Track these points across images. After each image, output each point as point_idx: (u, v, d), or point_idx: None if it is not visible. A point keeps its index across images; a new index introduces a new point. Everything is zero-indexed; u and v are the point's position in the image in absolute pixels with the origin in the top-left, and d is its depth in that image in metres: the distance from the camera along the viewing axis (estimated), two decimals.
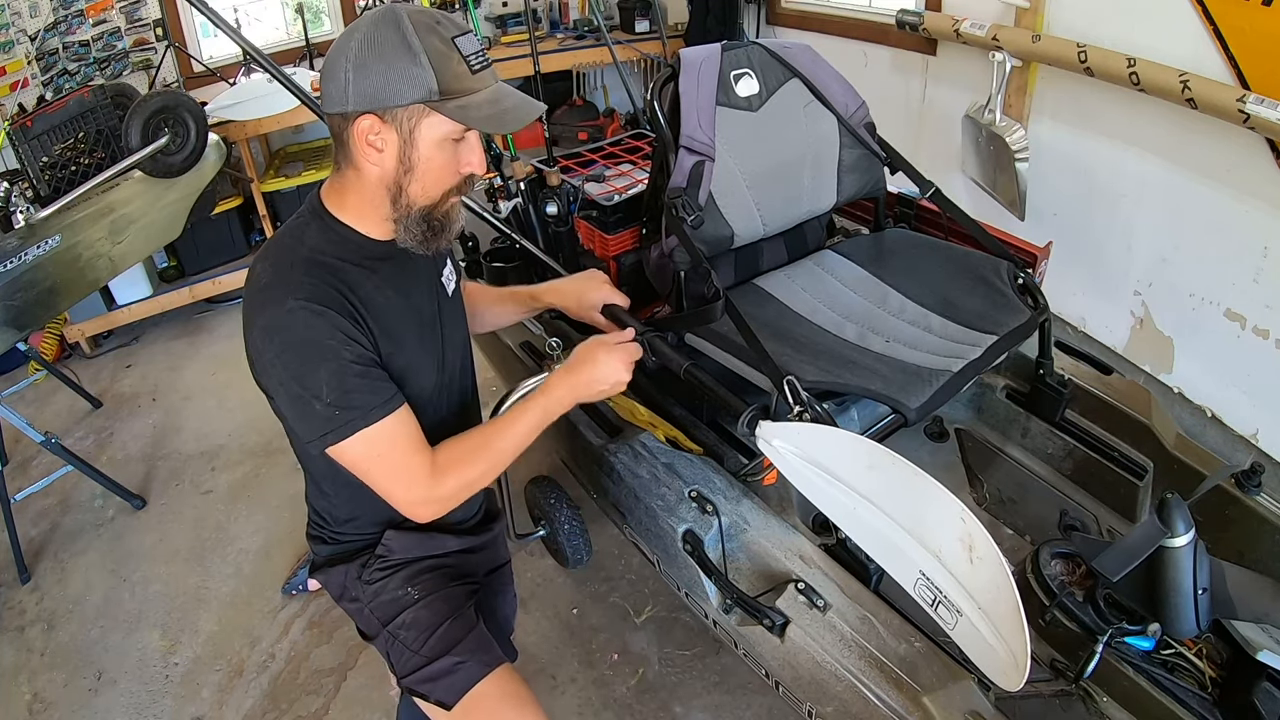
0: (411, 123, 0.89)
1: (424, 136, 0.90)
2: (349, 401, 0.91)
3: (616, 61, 2.60)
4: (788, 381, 1.15)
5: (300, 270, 0.92)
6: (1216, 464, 1.34)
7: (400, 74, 0.86)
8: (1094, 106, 2.34)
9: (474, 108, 0.89)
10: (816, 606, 1.08)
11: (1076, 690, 1.13)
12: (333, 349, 0.90)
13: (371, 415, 0.92)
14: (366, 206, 0.97)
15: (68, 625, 1.97)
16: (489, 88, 0.92)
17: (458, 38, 0.89)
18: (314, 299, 0.90)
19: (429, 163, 0.92)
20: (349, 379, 0.91)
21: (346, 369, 0.91)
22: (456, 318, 1.17)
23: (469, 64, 0.89)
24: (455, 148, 0.93)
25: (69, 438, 2.62)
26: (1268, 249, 1.99)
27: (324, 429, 0.91)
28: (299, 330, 0.89)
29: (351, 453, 0.94)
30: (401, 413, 0.95)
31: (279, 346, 0.90)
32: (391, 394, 0.95)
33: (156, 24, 3.31)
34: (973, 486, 1.55)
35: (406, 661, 1.10)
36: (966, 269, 1.55)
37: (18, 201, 2.12)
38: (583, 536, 1.84)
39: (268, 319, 0.90)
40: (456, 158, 0.94)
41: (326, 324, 0.90)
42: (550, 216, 1.81)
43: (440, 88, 0.87)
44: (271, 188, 3.35)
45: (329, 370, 0.90)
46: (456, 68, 0.88)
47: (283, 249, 0.96)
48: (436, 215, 0.97)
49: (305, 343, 0.90)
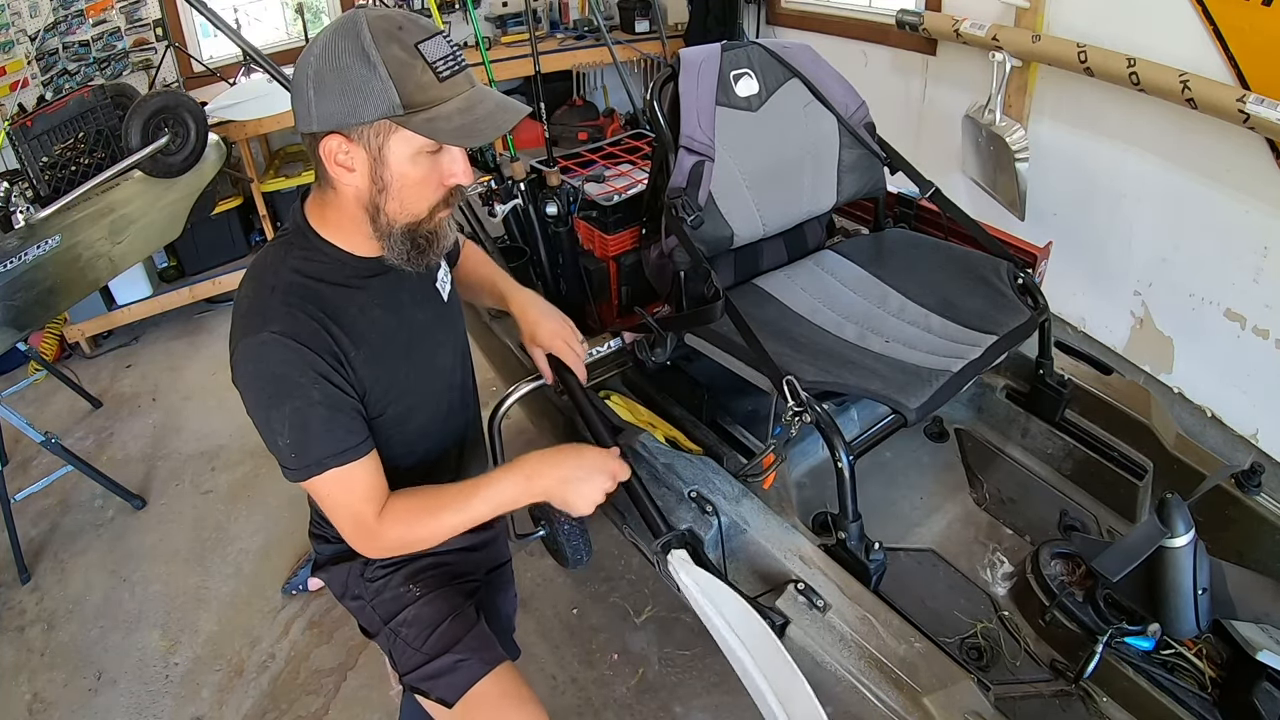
0: (379, 140, 0.83)
1: (394, 153, 0.84)
2: (306, 447, 0.90)
3: (616, 61, 2.60)
4: (787, 381, 1.15)
5: (279, 297, 0.89)
6: (1216, 464, 1.34)
7: (359, 90, 0.80)
8: (1094, 106, 2.34)
9: (443, 119, 0.82)
10: (816, 607, 1.08)
11: (1076, 690, 1.13)
12: (301, 387, 0.88)
13: (326, 464, 0.90)
14: (348, 224, 0.93)
15: (68, 625, 1.97)
16: (461, 94, 0.84)
17: (423, 43, 0.81)
18: (288, 332, 0.87)
19: (403, 179, 0.86)
20: (312, 422, 0.89)
21: (312, 410, 0.88)
22: (452, 320, 1.15)
23: (435, 71, 0.82)
24: (433, 160, 0.87)
25: (69, 438, 2.62)
26: (1268, 249, 1.99)
27: (283, 463, 0.92)
28: (269, 364, 0.87)
29: (311, 490, 0.95)
30: (360, 463, 0.93)
31: (249, 376, 0.89)
32: (355, 441, 0.93)
33: (156, 24, 3.31)
34: (973, 486, 1.55)
35: (408, 659, 1.10)
36: (966, 269, 1.55)
37: (18, 201, 2.12)
38: (583, 536, 1.84)
39: (243, 347, 0.88)
40: (437, 171, 0.88)
41: (299, 360, 0.87)
42: (550, 217, 1.82)
43: (403, 101, 0.80)
44: (271, 188, 3.35)
45: (292, 408, 0.88)
46: (420, 77, 0.81)
47: (265, 270, 0.93)
48: (422, 232, 0.92)
49: (274, 377, 0.88)
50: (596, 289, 1.83)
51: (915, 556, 1.40)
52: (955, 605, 1.29)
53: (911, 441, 1.65)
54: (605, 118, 4.48)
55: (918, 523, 1.48)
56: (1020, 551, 1.39)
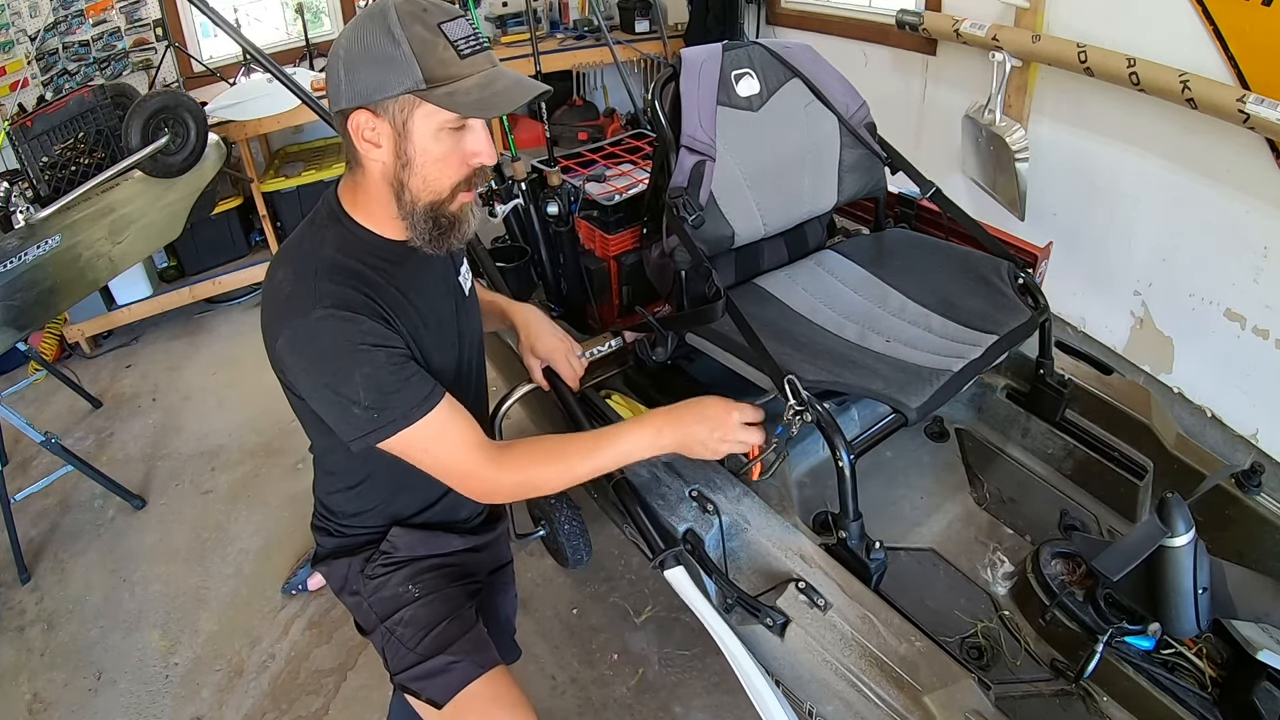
0: (403, 114, 0.87)
1: (417, 128, 0.88)
2: (388, 403, 0.90)
3: (617, 61, 2.60)
4: (788, 381, 1.15)
5: (324, 277, 0.91)
6: (1216, 464, 1.34)
7: (385, 66, 0.85)
8: (1094, 106, 2.34)
9: (462, 93, 0.86)
10: (817, 606, 1.08)
11: (1076, 690, 1.13)
12: (365, 353, 0.89)
13: (412, 414, 0.92)
14: (375, 205, 0.96)
15: (68, 625, 1.97)
16: (481, 72, 0.88)
17: (445, 23, 0.86)
18: (341, 305, 0.89)
19: (426, 155, 0.90)
20: (386, 380, 0.90)
21: (382, 370, 0.90)
22: (473, 316, 1.17)
23: (457, 49, 0.87)
24: (457, 138, 0.91)
25: (69, 438, 2.62)
26: (1268, 249, 1.99)
27: (365, 429, 0.91)
28: (328, 339, 0.89)
29: (399, 447, 0.94)
30: (444, 406, 0.94)
31: (309, 357, 0.89)
32: (430, 389, 0.94)
33: (156, 24, 3.31)
34: (973, 486, 1.55)
35: (401, 658, 1.10)
36: (967, 269, 1.55)
37: (18, 201, 2.12)
38: (583, 536, 1.84)
39: (293, 330, 0.89)
40: (460, 149, 0.92)
41: (357, 329, 0.89)
42: (551, 216, 1.82)
43: (425, 76, 0.85)
44: (271, 188, 3.35)
45: (363, 375, 0.89)
46: (443, 54, 0.86)
47: (303, 255, 0.95)
48: (445, 213, 0.95)
49: (336, 351, 0.89)
50: (597, 288, 1.83)
51: (916, 556, 1.40)
52: (955, 604, 1.30)
53: (912, 441, 1.65)
54: (605, 118, 4.48)
55: (918, 522, 1.48)
56: (1020, 551, 1.39)
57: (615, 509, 1.36)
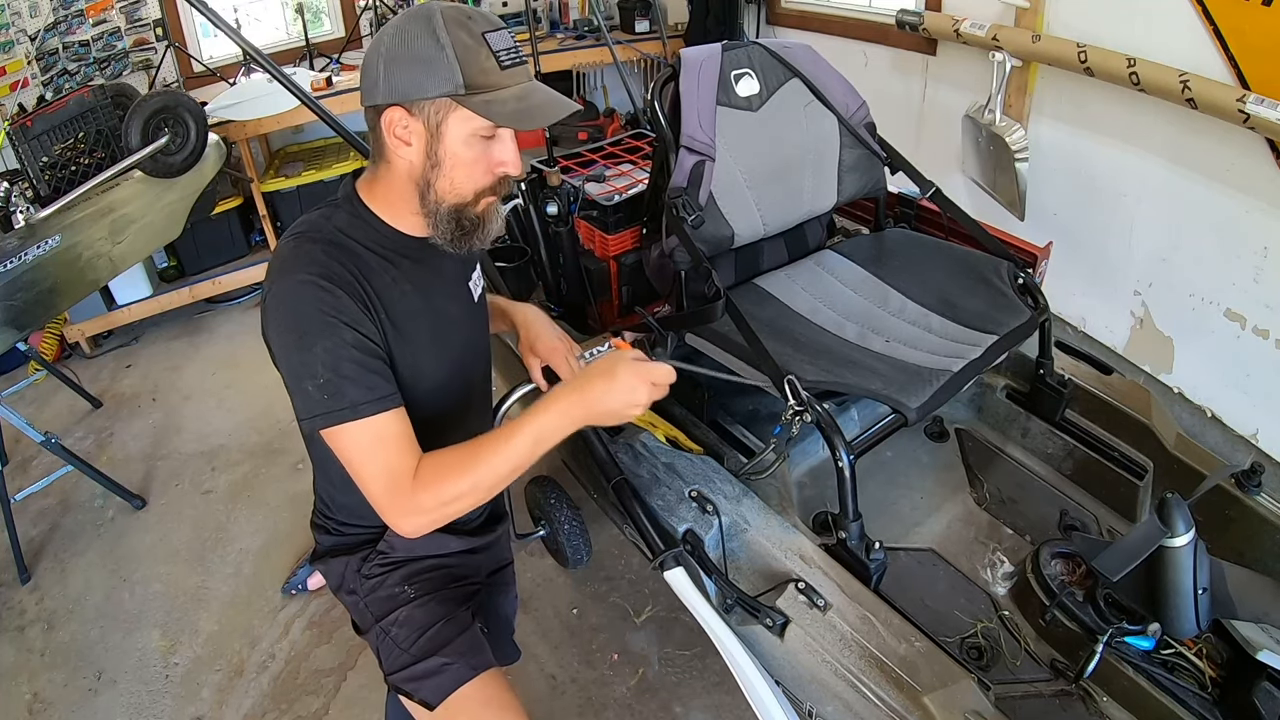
0: (439, 117, 0.88)
1: (451, 132, 0.89)
2: (340, 389, 0.88)
3: (617, 61, 2.61)
4: (788, 381, 1.15)
5: (318, 248, 0.92)
6: (1216, 464, 1.34)
7: (426, 67, 0.86)
8: (1094, 106, 2.34)
9: (499, 103, 0.88)
10: (817, 606, 1.08)
11: (1076, 690, 1.14)
12: (334, 327, 0.88)
13: (361, 410, 0.88)
14: (396, 199, 0.97)
15: (68, 625, 1.97)
16: (519, 84, 0.90)
17: (489, 33, 0.88)
18: (324, 275, 0.89)
19: (455, 159, 0.91)
20: (344, 364, 0.88)
21: (344, 351, 0.88)
22: (479, 324, 1.16)
23: (498, 59, 0.88)
24: (486, 146, 0.92)
25: (69, 438, 2.62)
26: (1268, 249, 1.99)
27: (313, 411, 0.89)
28: (305, 303, 0.88)
29: (338, 442, 0.90)
30: (394, 414, 0.91)
31: (282, 318, 0.90)
32: (387, 391, 0.91)
33: (156, 24, 3.31)
34: (973, 486, 1.55)
35: (395, 659, 1.10)
36: (967, 269, 1.55)
37: (18, 201, 2.12)
38: (583, 536, 1.84)
39: (275, 291, 0.90)
40: (488, 156, 0.93)
41: (333, 300, 0.89)
42: (551, 216, 1.82)
43: (466, 82, 0.86)
44: (271, 188, 3.35)
45: (324, 348, 0.88)
46: (485, 63, 0.87)
47: (310, 227, 0.96)
48: (468, 215, 0.95)
49: (308, 316, 0.88)
50: (597, 289, 1.83)
51: (915, 556, 1.40)
52: (955, 605, 1.30)
53: (912, 441, 1.65)
54: (605, 118, 4.48)
55: (918, 522, 1.48)
56: (1020, 551, 1.39)
57: (615, 509, 1.36)
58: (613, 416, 0.96)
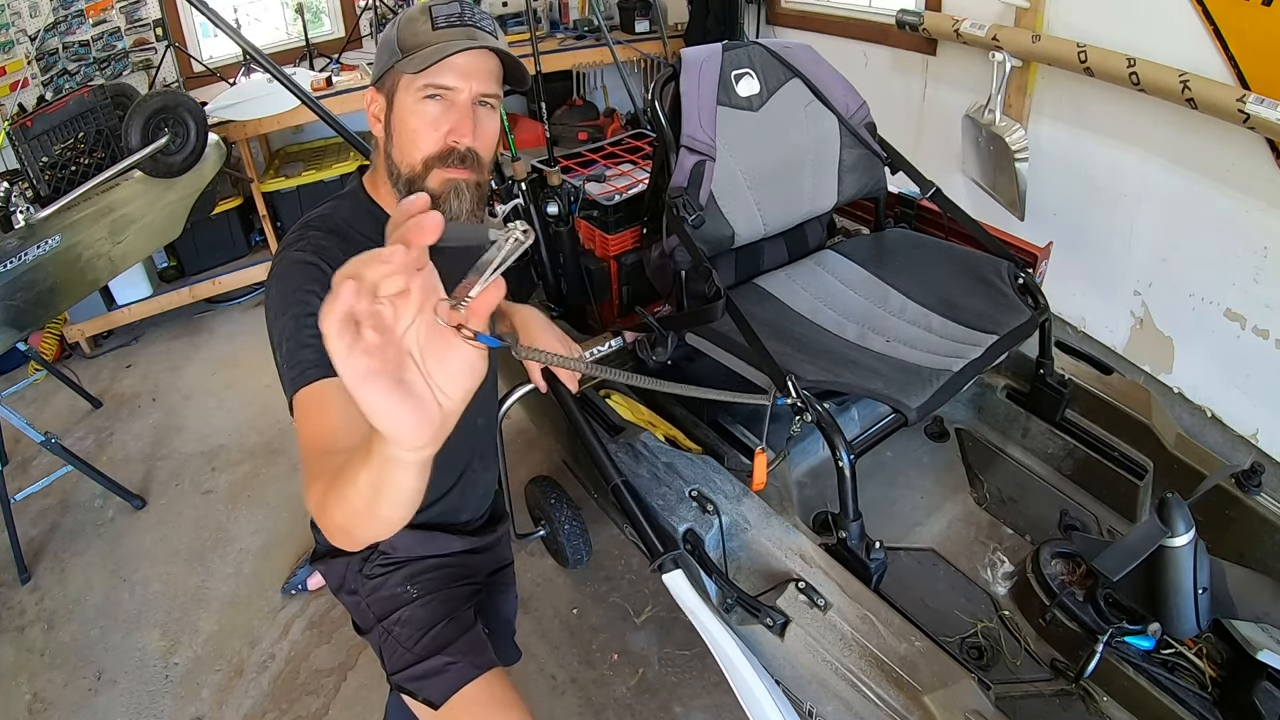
0: (389, 86, 0.96)
1: (399, 99, 0.95)
2: (297, 356, 0.84)
3: (617, 61, 2.61)
4: (788, 380, 1.15)
5: (316, 229, 0.96)
6: (1216, 464, 1.34)
7: (383, 47, 0.96)
8: (1094, 106, 2.34)
9: (421, 57, 0.91)
10: (817, 606, 1.08)
11: (1076, 690, 1.14)
12: (304, 296, 0.87)
13: (309, 374, 0.81)
14: (382, 182, 1.01)
15: (68, 625, 1.97)
16: (450, 40, 0.92)
17: (436, 5, 0.94)
18: (314, 250, 0.92)
19: (402, 124, 0.95)
20: (304, 333, 0.84)
21: (308, 321, 0.84)
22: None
23: (434, 21, 0.93)
24: (430, 109, 0.93)
25: (69, 438, 2.62)
26: (1268, 249, 1.99)
27: (283, 380, 0.86)
28: (288, 276, 0.91)
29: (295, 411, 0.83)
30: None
31: (273, 289, 0.92)
32: None
33: (156, 24, 3.30)
34: (973, 486, 1.55)
35: (398, 658, 1.10)
36: (967, 269, 1.55)
37: (18, 201, 2.12)
38: (583, 536, 1.84)
39: (272, 267, 0.94)
40: (435, 122, 0.94)
41: (314, 273, 0.90)
42: (551, 216, 1.81)
43: (400, 46, 0.93)
44: (271, 188, 3.34)
45: (292, 315, 0.86)
46: (418, 27, 0.93)
47: (318, 216, 1.00)
48: (421, 189, 0.93)
49: (287, 288, 0.90)
50: (598, 288, 1.83)
51: (916, 556, 1.40)
52: (956, 604, 1.30)
53: (912, 441, 1.65)
54: (605, 118, 4.48)
55: (918, 522, 1.48)
56: (1020, 551, 1.39)
57: (615, 509, 1.36)
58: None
